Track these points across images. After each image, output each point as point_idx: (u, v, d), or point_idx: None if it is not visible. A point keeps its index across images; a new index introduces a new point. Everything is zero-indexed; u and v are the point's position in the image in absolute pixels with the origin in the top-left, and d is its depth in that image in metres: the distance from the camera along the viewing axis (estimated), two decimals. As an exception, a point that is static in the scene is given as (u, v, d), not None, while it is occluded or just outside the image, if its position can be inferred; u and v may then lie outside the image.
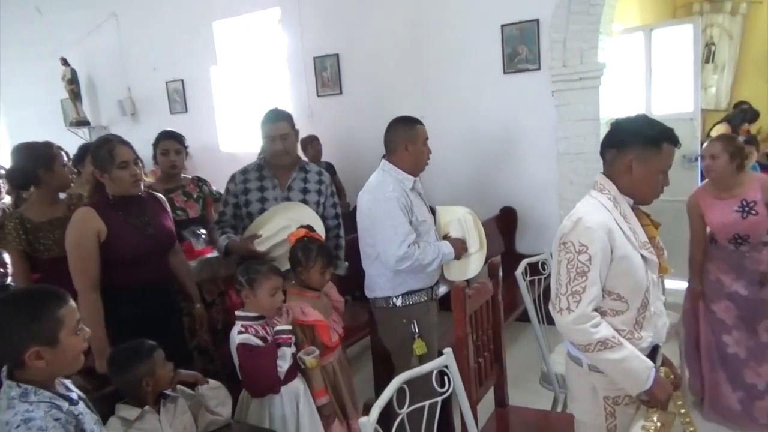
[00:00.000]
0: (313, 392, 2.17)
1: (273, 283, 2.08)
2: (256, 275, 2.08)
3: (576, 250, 1.61)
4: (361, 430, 1.31)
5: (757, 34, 7.02)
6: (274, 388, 2.04)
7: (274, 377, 2.01)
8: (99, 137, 2.38)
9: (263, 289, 2.07)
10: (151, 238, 2.27)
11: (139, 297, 2.22)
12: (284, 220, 2.50)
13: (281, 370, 2.02)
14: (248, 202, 2.61)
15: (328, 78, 5.13)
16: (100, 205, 2.20)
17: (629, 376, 1.61)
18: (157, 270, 2.33)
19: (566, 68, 4.03)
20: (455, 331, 1.90)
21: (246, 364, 2.01)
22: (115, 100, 6.59)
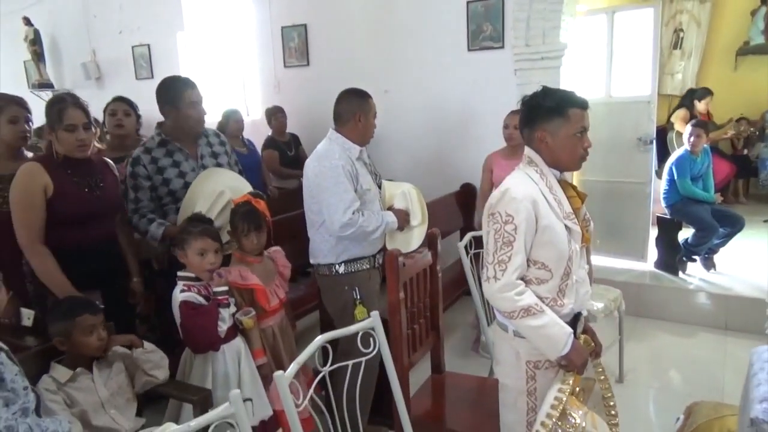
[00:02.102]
0: (252, 352, 2.23)
1: (202, 243, 2.11)
2: (187, 235, 2.12)
3: (503, 220, 1.67)
4: (276, 383, 1.36)
5: (724, 22, 7.12)
6: (214, 345, 2.10)
7: (215, 335, 2.06)
8: (56, 93, 2.32)
9: (192, 249, 2.11)
10: (99, 198, 2.26)
11: (84, 258, 2.21)
12: (216, 186, 2.44)
13: (221, 329, 2.07)
14: (167, 181, 2.51)
15: (296, 49, 5.10)
16: (47, 161, 2.19)
17: (548, 342, 1.69)
18: (104, 232, 2.33)
19: (529, 47, 4.06)
20: (388, 297, 1.96)
21: (188, 322, 2.06)
22: (79, 62, 6.45)
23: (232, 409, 1.24)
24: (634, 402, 3.05)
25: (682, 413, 2.27)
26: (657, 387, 3.23)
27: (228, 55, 5.81)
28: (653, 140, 4.35)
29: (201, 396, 1.91)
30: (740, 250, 4.52)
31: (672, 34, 7.16)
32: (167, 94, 2.50)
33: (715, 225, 4.03)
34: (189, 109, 2.48)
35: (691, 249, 4.22)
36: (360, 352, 1.66)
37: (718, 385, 3.09)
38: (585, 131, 1.73)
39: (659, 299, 4.05)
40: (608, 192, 4.49)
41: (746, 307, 3.68)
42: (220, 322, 2.08)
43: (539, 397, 1.77)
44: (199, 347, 2.11)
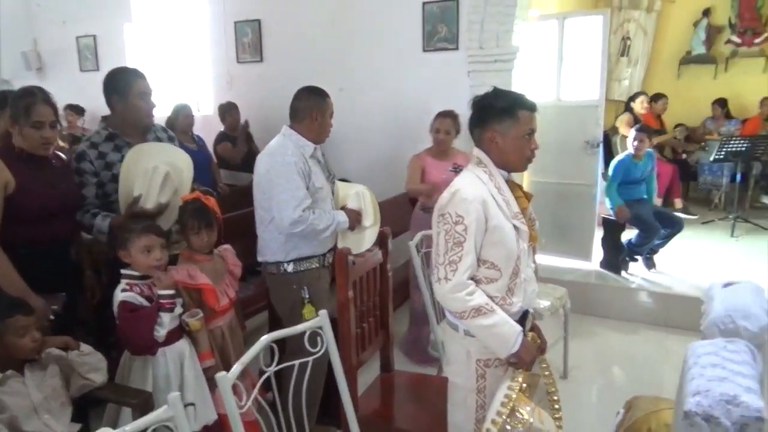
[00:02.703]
0: (198, 354, 2.17)
1: (145, 240, 2.04)
2: (128, 234, 2.04)
3: (453, 221, 1.68)
4: (218, 384, 1.33)
5: (669, 32, 7.43)
6: (151, 350, 2.03)
7: (149, 340, 1.99)
8: (26, 87, 2.19)
9: (136, 247, 2.03)
10: (62, 195, 2.19)
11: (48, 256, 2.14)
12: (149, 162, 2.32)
13: (158, 334, 1.99)
14: (115, 177, 2.38)
15: (249, 44, 5.01)
16: (7, 156, 2.09)
17: (499, 340, 1.71)
18: (65, 228, 2.25)
19: (482, 50, 4.12)
20: (337, 296, 1.95)
21: (124, 324, 1.99)
22: (19, 51, 6.16)
23: (170, 412, 1.20)
24: (578, 397, 3.13)
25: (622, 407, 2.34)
26: (600, 382, 3.33)
27: (178, 49, 5.66)
28: (600, 143, 4.48)
29: (141, 399, 1.84)
30: (679, 251, 4.71)
31: (620, 41, 7.42)
32: (116, 84, 2.38)
33: (657, 226, 4.19)
34: (138, 100, 2.38)
35: (633, 249, 4.37)
36: (307, 352, 1.64)
37: (658, 380, 3.21)
38: (533, 133, 1.76)
39: (603, 298, 4.18)
40: (557, 193, 4.61)
41: (684, 305, 3.84)
42: (157, 326, 1.99)
43: (488, 395, 1.79)
44: (135, 350, 2.04)
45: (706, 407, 1.30)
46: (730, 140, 5.66)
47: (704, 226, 5.73)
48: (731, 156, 5.63)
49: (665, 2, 7.29)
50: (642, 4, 7.25)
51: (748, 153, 5.61)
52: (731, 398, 1.30)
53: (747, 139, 5.69)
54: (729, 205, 5.78)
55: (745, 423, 1.27)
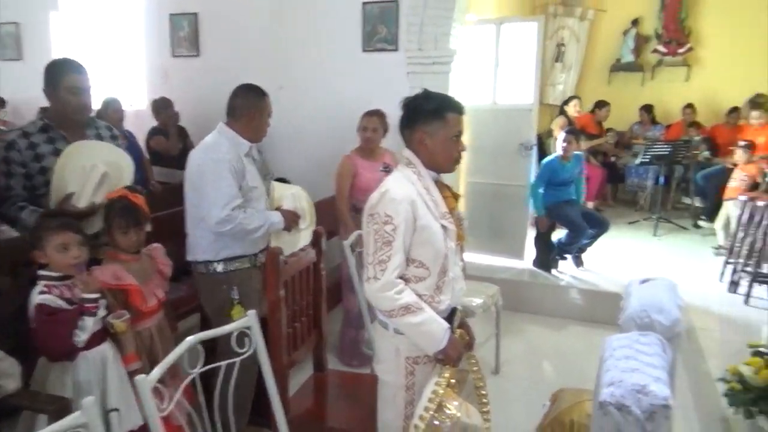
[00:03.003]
0: (123, 357, 2.09)
1: (60, 238, 1.95)
2: (41, 232, 1.95)
3: (382, 221, 1.70)
4: (137, 388, 1.29)
5: (601, 40, 7.76)
6: (70, 356, 1.94)
7: (68, 345, 1.90)
8: None
9: (51, 245, 1.94)
10: None
11: None
12: (87, 161, 2.26)
13: (78, 339, 1.90)
14: (44, 170, 2.29)
15: (185, 38, 4.87)
16: None
17: (427, 338, 1.74)
18: None
19: (421, 51, 4.17)
20: (267, 295, 1.93)
21: (41, 328, 1.89)
22: (-67, 38, 5.75)
23: (83, 418, 1.15)
24: (509, 391, 3.23)
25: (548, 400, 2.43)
26: (529, 377, 3.44)
27: (109, 41, 5.43)
28: (533, 146, 4.63)
29: (57, 406, 1.76)
30: (606, 249, 4.93)
31: (555, 47, 7.69)
32: (49, 76, 2.30)
33: (585, 226, 4.37)
34: (67, 94, 2.29)
35: (563, 248, 4.54)
36: (236, 353, 1.62)
37: (584, 373, 3.33)
38: (460, 135, 1.81)
39: (535, 295, 4.33)
40: (491, 194, 4.73)
41: (609, 301, 3.99)
42: (78, 331, 1.91)
43: (417, 392, 1.82)
44: (52, 356, 1.95)
45: (618, 397, 1.38)
46: (654, 145, 5.99)
47: (630, 226, 6.02)
48: (655, 159, 5.95)
49: (597, 11, 7.61)
50: (575, 13, 7.54)
51: (670, 157, 5.95)
52: (641, 388, 1.38)
53: (669, 144, 6.04)
54: (653, 206, 6.09)
55: (653, 411, 1.35)
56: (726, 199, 5.04)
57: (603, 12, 7.62)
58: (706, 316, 3.72)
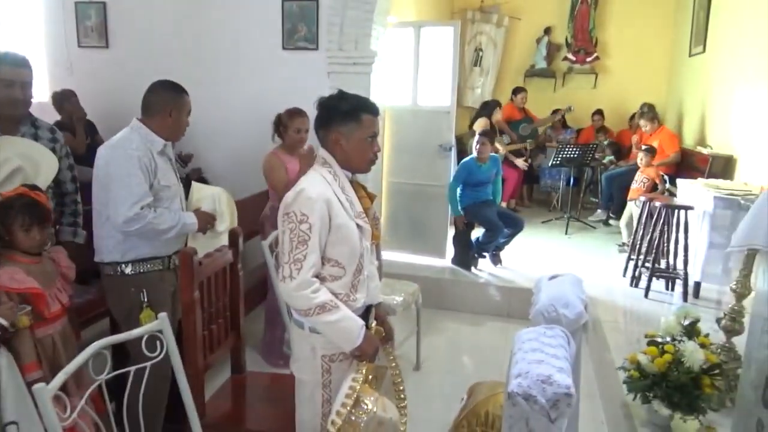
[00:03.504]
0: (22, 366, 1.96)
1: None
2: None
3: (298, 220, 1.69)
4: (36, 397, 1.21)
5: (516, 46, 8.10)
6: None
7: None
8: None
9: None
10: None
11: None
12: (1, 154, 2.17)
13: None
14: None
15: (92, 28, 4.62)
16: None
17: (343, 335, 1.75)
18: None
19: (342, 51, 4.18)
20: (182, 297, 1.87)
21: None
22: None
23: (-27, 431, 1.07)
24: (430, 387, 3.31)
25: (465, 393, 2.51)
26: (450, 372, 3.54)
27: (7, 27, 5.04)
28: (452, 147, 4.76)
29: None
30: (522, 248, 5.14)
31: (473, 52, 7.94)
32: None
33: (501, 226, 4.54)
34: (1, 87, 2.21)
35: (481, 247, 4.69)
36: (147, 357, 1.56)
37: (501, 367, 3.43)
38: (375, 137, 1.83)
39: (455, 292, 4.45)
40: (412, 194, 4.82)
41: (523, 297, 4.17)
42: None
43: (334, 389, 1.82)
44: None
45: (525, 387, 1.44)
46: (565, 148, 6.31)
47: (543, 225, 6.31)
48: (566, 162, 6.28)
49: (512, 19, 7.93)
50: (492, 19, 7.82)
51: (579, 159, 6.30)
52: (546, 378, 1.45)
53: (579, 147, 6.39)
54: (564, 206, 6.42)
55: (557, 399, 1.42)
56: (629, 199, 5.39)
57: (518, 20, 7.96)
58: (610, 309, 3.97)
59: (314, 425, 1.83)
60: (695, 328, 2.47)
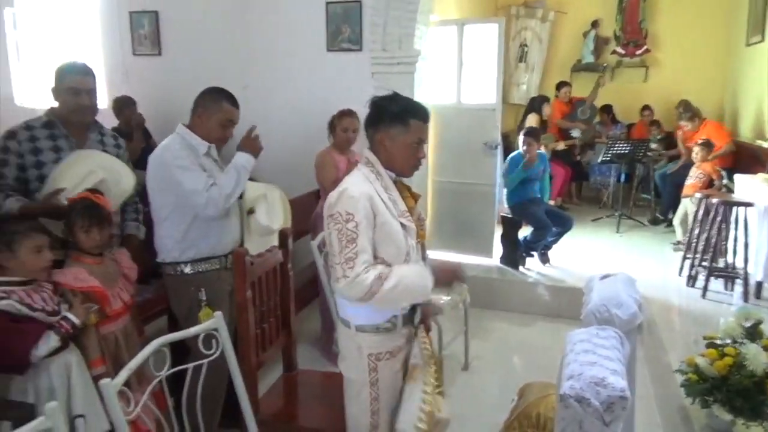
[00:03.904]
0: (89, 362, 2.06)
1: (36, 241, 1.92)
2: (14, 235, 1.90)
3: (344, 219, 1.70)
4: (102, 392, 1.28)
5: (562, 40, 7.92)
6: (20, 370, 1.88)
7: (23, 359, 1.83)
8: None
9: (25, 248, 1.90)
10: None
11: None
12: (86, 167, 2.30)
13: (37, 353, 1.84)
14: (40, 164, 2.33)
15: (146, 36, 4.79)
16: None
17: (412, 293, 1.75)
18: None
19: (385, 52, 4.20)
20: (236, 296, 1.92)
21: None
22: None
23: (48, 423, 1.14)
24: (478, 387, 3.28)
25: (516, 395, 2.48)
26: (498, 372, 3.50)
27: (67, 38, 5.30)
28: (498, 145, 4.71)
29: (20, 412, 1.72)
30: (572, 246, 5.04)
31: (518, 48, 7.81)
32: (55, 75, 2.38)
33: (549, 224, 4.46)
34: (66, 94, 2.34)
35: (529, 246, 4.63)
36: (203, 355, 1.61)
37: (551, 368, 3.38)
38: (422, 143, 1.82)
39: (503, 292, 4.40)
40: (458, 193, 4.79)
41: (574, 296, 4.09)
42: (40, 344, 1.85)
43: (381, 388, 1.84)
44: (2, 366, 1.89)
45: (578, 390, 1.42)
46: (615, 143, 6.14)
47: (593, 223, 6.16)
48: (616, 158, 6.11)
49: (558, 13, 7.76)
50: (537, 14, 7.67)
51: (630, 155, 6.12)
52: (599, 380, 1.42)
53: (629, 143, 6.20)
54: (615, 203, 6.25)
55: (611, 402, 1.39)
56: (684, 196, 5.21)
57: (564, 14, 7.78)
58: (666, 309, 3.85)
59: (364, 423, 1.85)
60: (758, 330, 2.37)
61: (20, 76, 5.38)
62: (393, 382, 1.87)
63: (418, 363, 1.83)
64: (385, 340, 1.84)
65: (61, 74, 2.38)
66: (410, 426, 1.72)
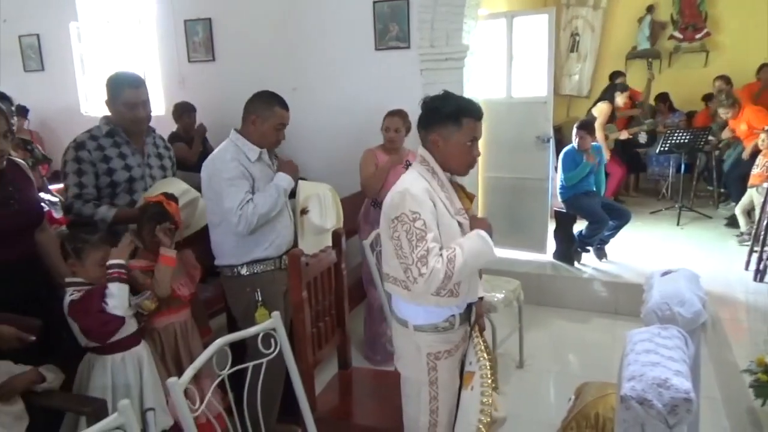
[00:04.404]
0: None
1: (103, 253, 2.02)
2: (83, 244, 2.01)
3: (411, 219, 1.69)
4: (170, 390, 1.33)
5: (615, 28, 7.67)
6: (107, 329, 1.97)
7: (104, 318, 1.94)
8: None
9: (91, 259, 2.01)
10: (18, 214, 1.98)
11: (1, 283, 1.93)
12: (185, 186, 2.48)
13: (109, 306, 1.94)
14: (111, 171, 2.45)
15: (200, 43, 4.94)
16: None
17: (480, 257, 1.74)
18: (20, 250, 2.03)
19: (433, 48, 4.18)
20: (291, 297, 1.97)
21: (76, 315, 1.96)
22: (-42, 52, 5.92)
23: (121, 419, 1.20)
24: (534, 385, 3.24)
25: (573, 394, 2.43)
26: (555, 370, 3.44)
27: (127, 48, 5.53)
28: (550, 138, 4.61)
29: (94, 407, 1.82)
30: (629, 240, 4.89)
31: (569, 37, 7.63)
32: (108, 90, 2.47)
33: (606, 218, 4.34)
34: (125, 109, 2.44)
35: (584, 240, 4.51)
36: (262, 354, 1.66)
37: (609, 366, 3.32)
38: (476, 141, 1.81)
39: (557, 288, 4.31)
40: (510, 188, 4.72)
41: (632, 293, 3.98)
42: (107, 300, 1.94)
43: (441, 386, 1.85)
44: (96, 336, 1.99)
45: (639, 391, 1.38)
46: (673, 133, 5.89)
47: (652, 216, 5.95)
48: (675, 148, 5.86)
49: (611, 0, 7.52)
50: (588, 2, 7.47)
51: (690, 145, 5.86)
52: (662, 382, 1.38)
53: (689, 132, 5.94)
54: (675, 195, 6.01)
55: (674, 404, 1.35)
56: (750, 185, 4.96)
57: (617, 0, 7.53)
58: (731, 306, 3.68)
59: (423, 422, 1.86)
60: (834, 328, 2.24)
61: (84, 87, 5.65)
62: (451, 381, 1.88)
63: (474, 370, 1.82)
64: (444, 339, 1.84)
65: (114, 88, 2.46)
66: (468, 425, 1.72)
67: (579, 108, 7.59)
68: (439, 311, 1.82)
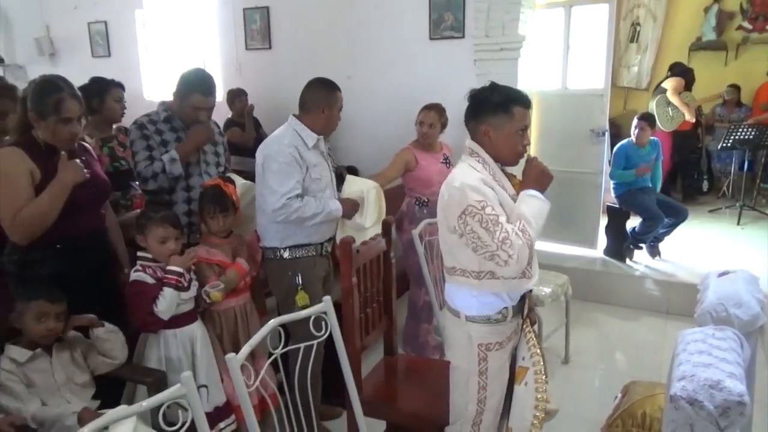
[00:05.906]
0: None
1: (162, 231, 2.14)
2: (147, 221, 2.14)
3: (479, 208, 1.70)
4: (228, 365, 1.41)
5: (679, 18, 7.35)
6: (149, 326, 2.13)
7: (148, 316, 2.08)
8: (48, 79, 2.08)
9: (152, 236, 2.13)
10: (89, 186, 2.11)
11: (74, 251, 2.09)
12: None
13: (158, 309, 2.08)
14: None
15: (257, 31, 5.04)
16: (29, 148, 2.02)
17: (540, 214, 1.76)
18: (94, 221, 2.22)
19: (488, 38, 4.13)
20: (342, 282, 2.02)
21: (129, 301, 2.11)
22: (32, 37, 6.23)
23: (183, 390, 1.28)
24: (579, 381, 3.21)
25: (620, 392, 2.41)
26: (601, 368, 3.40)
27: (188, 35, 5.71)
28: (605, 132, 4.50)
29: (155, 378, 1.94)
30: (686, 238, 4.74)
31: (629, 27, 7.37)
32: (181, 86, 2.52)
33: (661, 215, 4.22)
34: (192, 110, 2.50)
35: (637, 237, 4.41)
36: (309, 336, 1.71)
37: (657, 366, 3.27)
38: (526, 129, 1.81)
39: (607, 285, 4.24)
40: (561, 181, 4.58)
41: (686, 293, 3.86)
42: (158, 301, 2.07)
43: (490, 377, 1.87)
44: (138, 325, 2.16)
45: (690, 392, 1.37)
46: (738, 128, 5.64)
47: (711, 214, 5.75)
48: (738, 144, 5.62)
49: (676, -12, 7.22)
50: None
51: (755, 141, 5.60)
52: (715, 383, 1.36)
53: (754, 128, 5.67)
54: (737, 192, 5.77)
55: (727, 407, 1.33)
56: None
57: (683, -12, 7.23)
58: (792, 310, 3.53)
59: (470, 411, 1.89)
60: None
61: (148, 73, 5.87)
62: (501, 372, 1.90)
63: (528, 366, 1.83)
64: (496, 330, 1.86)
65: (186, 87, 2.50)
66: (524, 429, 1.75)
67: (637, 101, 7.34)
68: (492, 304, 1.84)
